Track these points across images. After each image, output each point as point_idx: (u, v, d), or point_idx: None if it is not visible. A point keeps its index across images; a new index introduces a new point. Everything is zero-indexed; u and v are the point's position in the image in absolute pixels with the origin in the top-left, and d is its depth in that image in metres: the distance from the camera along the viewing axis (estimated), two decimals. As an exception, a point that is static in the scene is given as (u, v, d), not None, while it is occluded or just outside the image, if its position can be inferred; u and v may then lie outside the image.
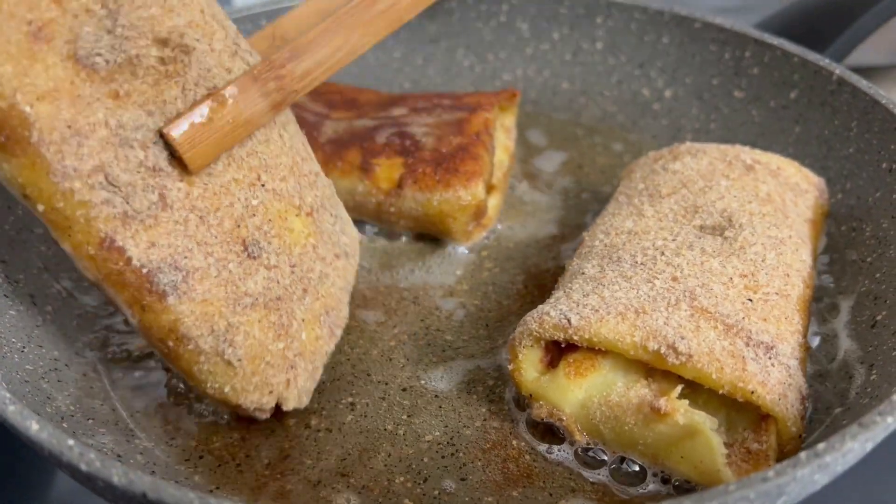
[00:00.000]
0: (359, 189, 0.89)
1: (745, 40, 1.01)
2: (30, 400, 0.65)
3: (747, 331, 0.63)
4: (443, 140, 0.90)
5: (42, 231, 0.83)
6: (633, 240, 0.73)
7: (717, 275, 0.67)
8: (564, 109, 1.14)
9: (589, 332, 0.63)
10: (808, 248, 0.75)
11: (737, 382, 0.59)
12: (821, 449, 0.49)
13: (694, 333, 0.62)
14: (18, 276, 0.78)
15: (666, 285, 0.66)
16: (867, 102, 0.87)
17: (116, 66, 0.58)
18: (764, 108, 1.00)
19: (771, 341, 0.63)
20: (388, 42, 1.19)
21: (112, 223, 0.58)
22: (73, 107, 0.56)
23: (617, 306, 0.65)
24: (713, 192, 0.77)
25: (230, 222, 0.64)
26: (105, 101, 0.58)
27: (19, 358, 0.70)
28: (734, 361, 0.60)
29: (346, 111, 0.98)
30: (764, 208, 0.75)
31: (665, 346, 0.61)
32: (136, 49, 0.59)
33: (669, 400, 0.60)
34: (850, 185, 0.87)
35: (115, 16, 0.58)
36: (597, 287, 0.68)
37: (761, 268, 0.69)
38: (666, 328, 0.62)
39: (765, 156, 0.82)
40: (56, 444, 0.52)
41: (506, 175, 0.98)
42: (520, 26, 1.16)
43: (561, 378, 0.66)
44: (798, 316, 0.68)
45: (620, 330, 0.63)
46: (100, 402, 0.72)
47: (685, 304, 0.64)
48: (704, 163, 0.81)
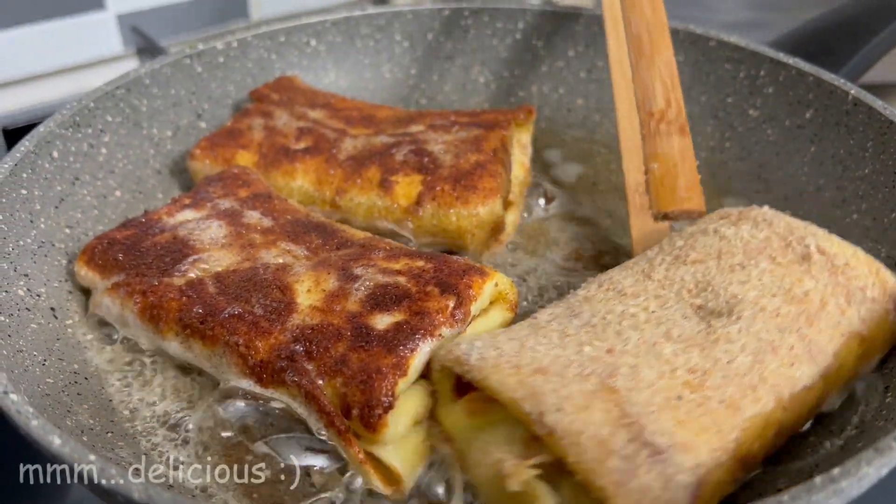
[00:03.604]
0: (378, 205, 0.90)
1: (760, 59, 1.02)
2: (51, 413, 0.65)
3: (642, 426, 0.56)
4: (460, 157, 0.91)
5: (63, 245, 0.85)
6: (614, 300, 0.69)
7: (661, 361, 0.61)
8: (579, 126, 1.15)
9: (480, 375, 0.61)
10: (816, 367, 0.64)
11: (590, 474, 0.53)
12: (836, 474, 0.49)
13: (577, 410, 0.56)
14: (40, 289, 0.79)
15: (594, 353, 0.62)
16: (882, 123, 0.87)
17: None
18: (779, 127, 1.00)
19: (666, 446, 0.55)
20: (405, 59, 1.20)
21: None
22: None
23: (523, 359, 0.61)
24: (742, 272, 0.69)
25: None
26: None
27: (40, 371, 0.71)
28: (599, 451, 0.54)
29: (365, 128, 0.99)
30: (786, 307, 0.66)
31: (536, 413, 0.56)
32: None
33: (517, 465, 0.58)
34: (866, 206, 0.87)
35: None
36: (530, 335, 0.65)
37: (720, 369, 0.61)
38: (551, 395, 0.57)
39: (839, 246, 0.71)
40: (78, 458, 0.53)
41: (522, 191, 0.99)
42: (535, 44, 1.17)
43: (458, 411, 0.65)
44: (740, 434, 0.59)
45: (506, 382, 0.59)
46: (119, 416, 0.73)
47: (595, 379, 0.59)
48: (760, 236, 0.72)
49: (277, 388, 0.68)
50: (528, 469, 0.57)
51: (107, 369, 0.77)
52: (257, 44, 1.13)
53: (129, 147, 0.98)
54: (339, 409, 0.64)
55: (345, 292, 0.72)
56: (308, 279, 0.74)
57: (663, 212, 0.82)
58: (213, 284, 0.74)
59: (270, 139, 0.97)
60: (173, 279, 0.76)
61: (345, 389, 0.64)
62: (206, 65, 1.08)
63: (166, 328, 0.73)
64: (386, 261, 0.75)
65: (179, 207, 0.86)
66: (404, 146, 0.93)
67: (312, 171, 0.93)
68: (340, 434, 0.64)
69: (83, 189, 0.91)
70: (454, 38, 1.19)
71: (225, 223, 0.82)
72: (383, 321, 0.69)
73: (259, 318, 0.70)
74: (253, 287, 0.74)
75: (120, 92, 0.98)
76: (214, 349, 0.71)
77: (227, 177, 0.90)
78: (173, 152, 1.03)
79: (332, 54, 1.18)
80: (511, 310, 0.77)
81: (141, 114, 1.00)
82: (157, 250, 0.79)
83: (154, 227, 0.83)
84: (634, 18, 0.92)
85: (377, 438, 0.63)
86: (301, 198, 0.93)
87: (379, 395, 0.63)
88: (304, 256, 0.78)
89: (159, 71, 1.03)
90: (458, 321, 0.70)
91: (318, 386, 0.65)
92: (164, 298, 0.74)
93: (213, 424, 0.72)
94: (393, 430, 0.63)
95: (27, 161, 0.84)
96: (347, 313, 0.70)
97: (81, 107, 0.92)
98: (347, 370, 0.65)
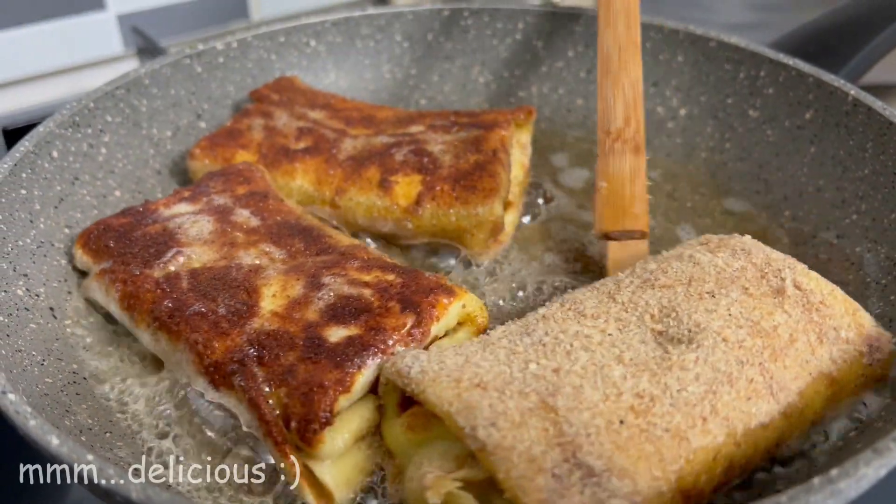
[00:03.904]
0: (377, 205, 0.90)
1: (760, 60, 1.02)
2: (49, 413, 0.65)
3: (577, 446, 0.54)
4: (460, 157, 0.91)
5: (62, 245, 0.85)
6: (571, 320, 0.66)
7: (608, 384, 0.59)
8: (579, 126, 1.15)
9: (418, 388, 0.59)
10: (776, 405, 0.62)
11: (517, 490, 0.52)
12: (834, 475, 0.49)
13: (512, 426, 0.55)
14: (39, 289, 0.79)
15: (539, 372, 0.60)
16: (882, 124, 0.87)
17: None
18: (779, 127, 1.00)
19: (601, 469, 0.53)
20: (405, 59, 1.20)
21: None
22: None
23: (464, 373, 0.60)
24: (711, 301, 0.66)
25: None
26: None
27: (39, 371, 0.71)
28: (528, 469, 0.53)
29: (365, 128, 0.99)
30: (751, 340, 0.63)
31: (469, 427, 0.55)
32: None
33: (440, 477, 0.57)
34: (866, 207, 0.87)
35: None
36: (478, 351, 0.63)
37: (669, 397, 0.59)
38: (486, 410, 0.56)
39: (817, 283, 0.69)
40: (76, 458, 0.53)
41: (521, 191, 0.98)
42: (535, 44, 1.17)
43: (399, 425, 0.64)
44: (684, 465, 0.56)
45: (443, 395, 0.58)
46: (117, 416, 0.73)
47: (535, 397, 0.57)
48: (736, 265, 0.70)
49: (228, 391, 0.67)
50: (449, 482, 0.56)
51: (105, 369, 0.77)
52: (257, 44, 1.13)
53: (129, 147, 0.98)
54: (281, 419, 0.63)
55: (307, 300, 0.71)
56: (276, 283, 0.73)
57: (605, 231, 0.82)
58: (188, 280, 0.74)
59: (270, 139, 0.97)
60: (153, 271, 0.76)
61: (287, 400, 0.63)
62: (205, 65, 1.08)
63: (139, 319, 0.74)
64: (358, 271, 0.74)
65: (177, 200, 0.86)
66: (404, 146, 0.93)
67: (312, 171, 0.93)
68: (277, 445, 0.63)
69: (83, 189, 0.91)
70: (454, 39, 1.19)
71: (213, 219, 0.83)
72: (337, 334, 0.67)
73: (221, 318, 0.70)
74: (222, 286, 0.73)
75: (120, 92, 0.98)
76: (177, 345, 0.70)
77: (230, 172, 0.91)
78: (173, 152, 1.03)
79: (332, 55, 1.18)
80: (477, 333, 0.74)
81: (141, 114, 1.00)
82: (145, 240, 0.80)
83: (149, 217, 0.83)
84: (607, 37, 0.92)
85: (314, 453, 0.62)
86: (301, 198, 0.93)
87: (318, 409, 0.61)
88: (280, 260, 0.78)
89: (159, 71, 1.03)
90: (415, 340, 0.68)
91: (263, 393, 0.64)
92: (140, 289, 0.74)
93: (202, 423, 0.72)
94: (330, 445, 0.62)
95: (27, 161, 0.84)
96: (305, 322, 0.69)
97: (81, 107, 0.92)
98: (293, 380, 0.64)
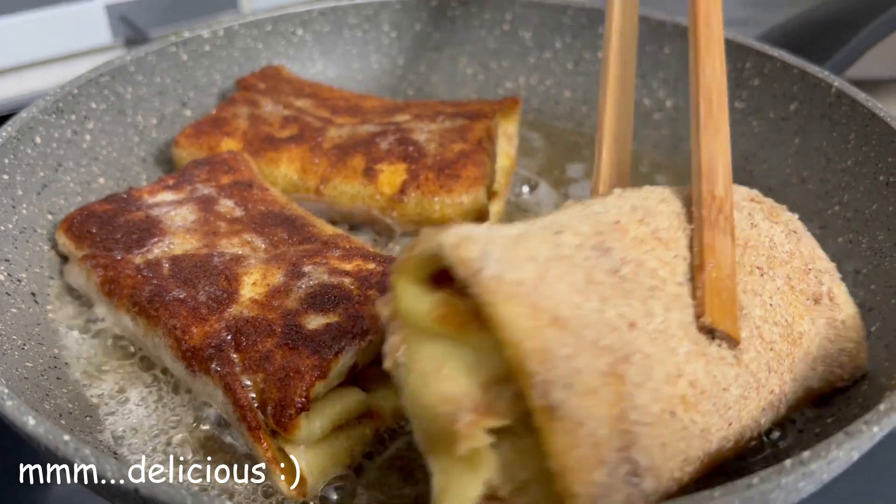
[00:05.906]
0: (362, 193, 0.90)
1: (746, 52, 1.02)
2: (28, 396, 0.65)
3: (634, 438, 0.47)
4: (445, 146, 0.91)
5: (45, 231, 0.85)
6: (649, 243, 0.55)
7: (672, 362, 0.51)
8: (566, 118, 1.15)
9: (491, 299, 0.46)
10: (775, 418, 0.59)
11: (569, 474, 0.45)
12: (806, 457, 0.49)
13: (586, 393, 0.46)
14: (21, 274, 0.79)
15: (616, 322, 0.49)
16: (865, 115, 0.87)
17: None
18: (764, 119, 1.00)
19: (644, 469, 0.47)
20: (392, 49, 1.20)
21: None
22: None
23: (541, 296, 0.47)
24: (758, 279, 0.59)
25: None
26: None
27: (19, 355, 0.71)
28: (589, 455, 0.45)
29: (351, 117, 0.99)
30: (780, 343, 0.58)
31: (543, 381, 0.45)
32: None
33: (474, 423, 0.48)
34: (848, 198, 0.87)
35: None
36: (553, 260, 0.50)
37: (714, 395, 0.52)
38: (562, 363, 0.46)
39: (845, 299, 0.64)
40: (52, 439, 0.53)
41: (507, 181, 0.99)
42: (523, 35, 1.17)
43: (424, 304, 0.51)
44: (696, 467, 0.52)
45: (519, 325, 0.46)
46: (98, 400, 0.73)
47: (609, 358, 0.48)
48: (787, 248, 0.63)
49: (205, 377, 0.67)
50: (483, 436, 0.48)
51: (88, 355, 0.77)
52: (244, 33, 1.12)
53: (114, 134, 0.98)
54: (256, 405, 0.64)
55: (287, 289, 0.72)
56: (257, 272, 0.74)
57: (716, 327, 0.57)
58: (169, 266, 0.75)
59: (255, 127, 0.97)
60: (135, 257, 0.76)
61: (264, 385, 0.64)
62: (191, 53, 1.08)
63: (119, 304, 0.74)
64: (339, 260, 0.75)
65: (161, 188, 0.86)
66: (389, 135, 0.93)
67: (297, 159, 0.93)
68: (250, 429, 0.64)
69: (66, 176, 0.90)
70: (442, 29, 1.19)
71: (197, 209, 0.83)
72: (316, 321, 0.68)
73: (200, 304, 0.70)
74: (203, 273, 0.74)
75: (104, 79, 0.98)
76: (156, 330, 0.71)
77: (215, 161, 0.90)
78: (158, 140, 1.03)
79: (319, 44, 1.18)
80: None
81: (126, 101, 1.00)
82: (128, 227, 0.80)
83: (132, 204, 0.83)
84: (706, 68, 0.78)
85: (290, 438, 0.63)
86: (286, 186, 0.93)
87: (293, 395, 0.62)
88: (262, 249, 0.78)
89: (144, 59, 1.02)
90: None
91: (238, 378, 0.65)
92: (121, 274, 0.74)
93: (192, 420, 0.72)
94: (306, 430, 0.63)
95: (9, 146, 0.83)
96: (284, 310, 0.69)
97: (65, 93, 0.92)
98: (270, 366, 0.64)
